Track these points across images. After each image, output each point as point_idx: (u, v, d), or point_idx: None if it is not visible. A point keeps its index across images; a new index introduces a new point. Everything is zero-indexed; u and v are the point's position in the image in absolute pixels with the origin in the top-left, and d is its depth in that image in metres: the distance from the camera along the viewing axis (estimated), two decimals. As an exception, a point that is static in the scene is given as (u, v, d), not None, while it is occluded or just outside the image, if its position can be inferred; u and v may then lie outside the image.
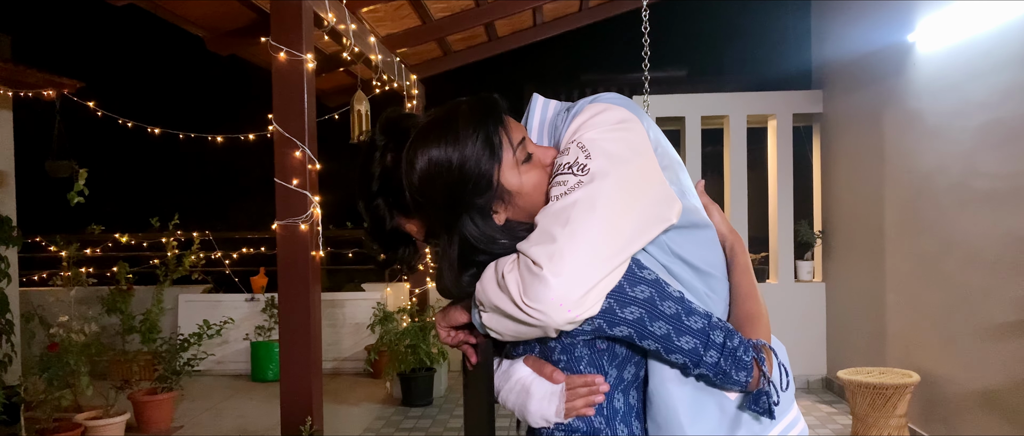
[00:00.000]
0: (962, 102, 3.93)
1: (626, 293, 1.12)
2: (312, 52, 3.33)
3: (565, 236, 1.06)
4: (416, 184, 1.12)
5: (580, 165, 1.12)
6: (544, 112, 1.30)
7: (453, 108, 1.17)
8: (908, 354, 4.54)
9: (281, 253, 3.26)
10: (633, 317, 1.12)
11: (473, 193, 1.12)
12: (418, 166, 1.12)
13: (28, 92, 5.59)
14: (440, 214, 1.15)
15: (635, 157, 1.15)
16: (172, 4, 3.71)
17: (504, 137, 1.15)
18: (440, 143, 1.12)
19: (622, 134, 1.17)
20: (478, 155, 1.11)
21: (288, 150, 3.22)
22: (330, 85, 6.00)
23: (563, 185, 1.11)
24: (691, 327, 1.13)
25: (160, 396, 5.19)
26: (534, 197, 1.17)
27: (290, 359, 3.28)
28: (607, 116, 1.18)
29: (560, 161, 1.15)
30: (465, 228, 1.14)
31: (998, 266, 3.64)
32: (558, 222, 1.08)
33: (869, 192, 5.04)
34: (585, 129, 1.17)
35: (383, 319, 5.90)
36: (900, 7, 4.51)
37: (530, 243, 1.09)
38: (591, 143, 1.14)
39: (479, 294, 1.15)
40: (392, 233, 1.23)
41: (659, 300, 1.13)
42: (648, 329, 1.13)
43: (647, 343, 1.14)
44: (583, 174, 1.11)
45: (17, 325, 5.23)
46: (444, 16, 5.17)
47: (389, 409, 5.66)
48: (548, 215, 1.10)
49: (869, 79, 5.03)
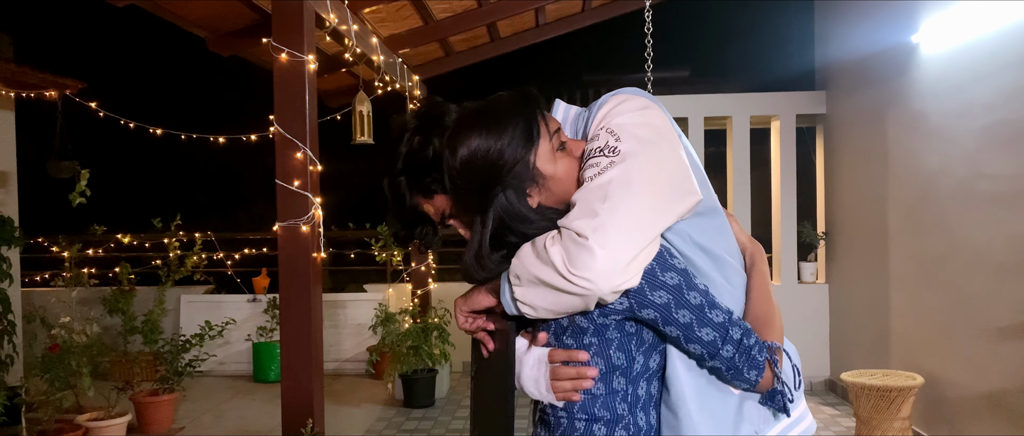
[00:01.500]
0: (966, 103, 3.92)
1: (657, 277, 1.18)
2: (313, 53, 3.31)
3: (606, 210, 1.12)
4: (457, 167, 1.20)
5: (611, 147, 1.19)
6: (565, 114, 1.41)
7: (496, 98, 1.27)
8: (912, 356, 4.52)
9: (282, 255, 3.25)
10: (661, 301, 1.18)
11: (510, 174, 1.20)
12: (461, 151, 1.19)
13: (30, 93, 5.59)
14: (478, 194, 1.21)
15: (660, 139, 1.22)
16: (173, 5, 3.70)
17: (542, 125, 1.24)
18: (483, 128, 1.20)
19: (647, 118, 1.24)
20: (518, 139, 1.20)
21: (289, 151, 3.21)
22: (332, 86, 5.99)
23: (596, 167, 1.18)
24: (713, 320, 1.19)
25: (161, 397, 5.19)
26: (566, 184, 1.25)
27: (291, 361, 3.27)
28: (631, 103, 1.26)
29: (591, 147, 1.22)
30: (501, 207, 1.21)
31: (1002, 268, 3.62)
32: (597, 198, 1.14)
33: (873, 193, 5.02)
34: (612, 116, 1.24)
35: (385, 320, 5.89)
36: (904, 8, 4.49)
37: (572, 218, 1.14)
38: (619, 128, 1.21)
39: (516, 268, 1.19)
40: (411, 211, 1.30)
41: (686, 289, 1.19)
42: (673, 315, 1.19)
43: (669, 329, 1.20)
44: (615, 155, 1.18)
45: (19, 326, 5.23)
46: (446, 17, 5.16)
47: (391, 410, 5.65)
48: (586, 193, 1.16)
49: (873, 80, 5.01)
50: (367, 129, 4.50)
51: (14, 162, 5.82)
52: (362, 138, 4.51)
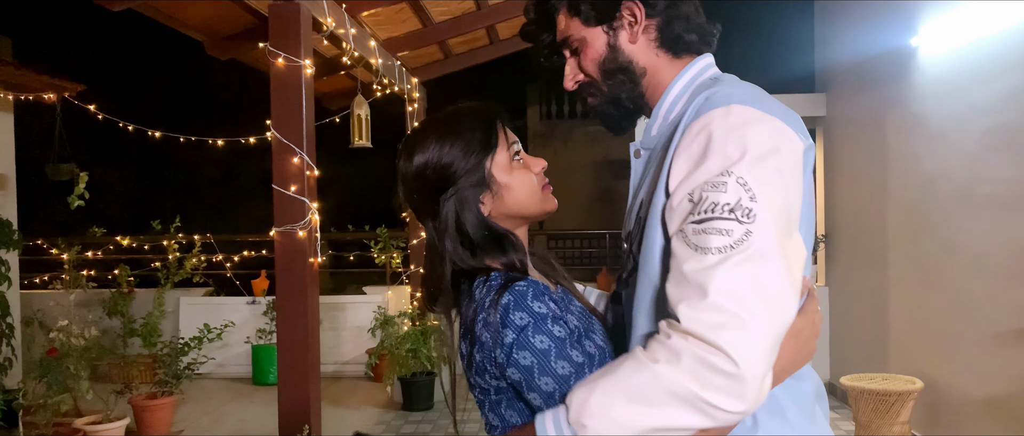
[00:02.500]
0: (966, 107, 3.90)
1: (528, 342, 1.11)
2: (310, 57, 3.31)
3: (751, 316, 0.91)
4: (412, 171, 1.23)
5: (744, 209, 0.97)
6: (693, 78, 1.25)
7: (458, 107, 1.30)
8: (911, 360, 4.51)
9: (279, 260, 3.25)
10: (526, 363, 1.10)
11: (465, 178, 1.21)
12: (416, 156, 1.22)
13: (29, 95, 5.59)
14: (431, 199, 1.22)
15: (789, 193, 1.04)
16: (170, 8, 3.70)
17: (501, 135, 1.25)
18: (442, 133, 1.23)
19: (779, 161, 1.04)
20: (476, 145, 1.21)
21: (286, 156, 3.21)
22: (331, 88, 5.99)
23: (727, 235, 0.96)
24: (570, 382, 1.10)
25: (160, 400, 5.18)
26: (519, 195, 1.24)
27: (288, 366, 3.27)
28: (762, 137, 1.04)
29: (716, 199, 0.98)
30: (453, 210, 1.21)
31: (1002, 272, 3.61)
32: (741, 295, 0.92)
33: (872, 196, 5.01)
34: (740, 157, 1.01)
35: (384, 323, 5.88)
36: (903, 11, 4.48)
37: (711, 325, 0.91)
38: (753, 176, 0.99)
39: (590, 410, 0.96)
40: (548, 16, 1.29)
41: (556, 354, 1.11)
42: (535, 382, 1.11)
43: (531, 396, 1.13)
44: (750, 221, 0.96)
45: (17, 328, 5.23)
46: (445, 19, 5.15)
47: (390, 413, 5.65)
48: (722, 279, 0.93)
49: (872, 83, 5.00)
50: (365, 133, 4.49)
51: (13, 165, 5.82)
52: (360, 142, 4.50)
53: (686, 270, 0.96)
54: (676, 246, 1.01)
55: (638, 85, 1.26)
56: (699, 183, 1.01)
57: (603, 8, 1.22)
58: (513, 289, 1.14)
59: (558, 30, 1.28)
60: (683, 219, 1.02)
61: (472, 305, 1.17)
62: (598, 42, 1.24)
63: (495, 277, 1.18)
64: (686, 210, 1.02)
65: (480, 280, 1.19)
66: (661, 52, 1.25)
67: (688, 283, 0.95)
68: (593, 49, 1.25)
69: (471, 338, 1.17)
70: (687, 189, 1.03)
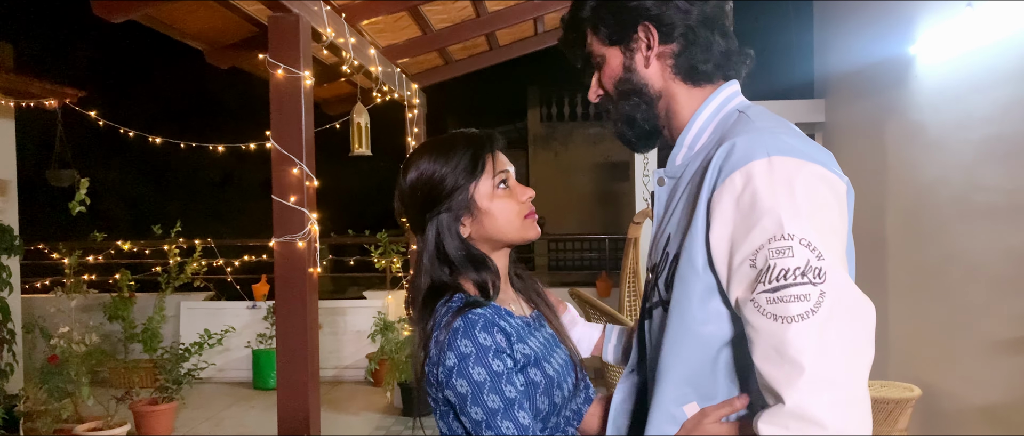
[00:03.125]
0: (963, 115, 3.91)
1: (465, 371, 1.20)
2: (310, 68, 3.32)
3: (844, 379, 0.99)
4: (406, 186, 1.34)
5: (815, 269, 1.00)
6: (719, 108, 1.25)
7: (453, 133, 1.38)
8: (910, 367, 4.51)
9: (279, 270, 3.26)
10: (462, 390, 1.20)
11: (450, 199, 1.30)
12: (411, 172, 1.33)
13: (30, 101, 5.60)
14: (420, 214, 1.33)
15: (843, 236, 1.08)
16: (170, 18, 3.70)
17: (489, 162, 1.33)
18: (434, 154, 1.33)
19: (831, 211, 1.07)
20: (462, 169, 1.30)
21: (286, 167, 3.21)
22: (330, 94, 5.99)
23: (805, 301, 0.98)
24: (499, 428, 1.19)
25: (161, 406, 5.20)
26: (499, 221, 1.32)
27: (288, 375, 3.28)
28: (822, 187, 1.07)
29: (785, 265, 1.00)
30: (436, 228, 1.30)
31: (999, 281, 3.62)
32: (832, 359, 0.98)
33: (871, 202, 5.02)
34: (805, 209, 1.03)
35: (384, 329, 5.90)
36: (902, 19, 4.49)
37: (809, 393, 0.97)
38: (814, 233, 1.01)
39: None
40: (578, 30, 1.32)
41: (482, 392, 1.19)
42: (467, 409, 1.20)
43: (463, 420, 1.23)
44: (822, 281, 0.99)
45: (19, 334, 5.24)
46: (445, 26, 5.16)
47: (389, 419, 5.66)
48: (813, 350, 0.98)
49: (871, 90, 5.01)
50: (365, 141, 4.50)
51: (14, 170, 5.84)
52: (360, 150, 4.51)
53: (774, 344, 1.00)
54: (751, 316, 1.03)
55: (653, 108, 1.27)
56: (758, 246, 1.03)
57: (619, 29, 1.25)
58: (466, 316, 1.22)
59: (586, 45, 1.32)
60: (749, 287, 1.04)
61: (431, 321, 1.26)
62: (615, 61, 1.28)
63: (457, 299, 1.26)
64: (751, 277, 1.04)
65: (444, 298, 1.28)
66: (677, 79, 1.25)
67: (780, 359, 0.99)
68: (610, 67, 1.29)
69: (425, 351, 1.26)
70: (746, 253, 1.04)
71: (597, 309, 4.67)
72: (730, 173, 1.07)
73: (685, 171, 1.22)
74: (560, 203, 13.04)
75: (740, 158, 1.08)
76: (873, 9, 4.92)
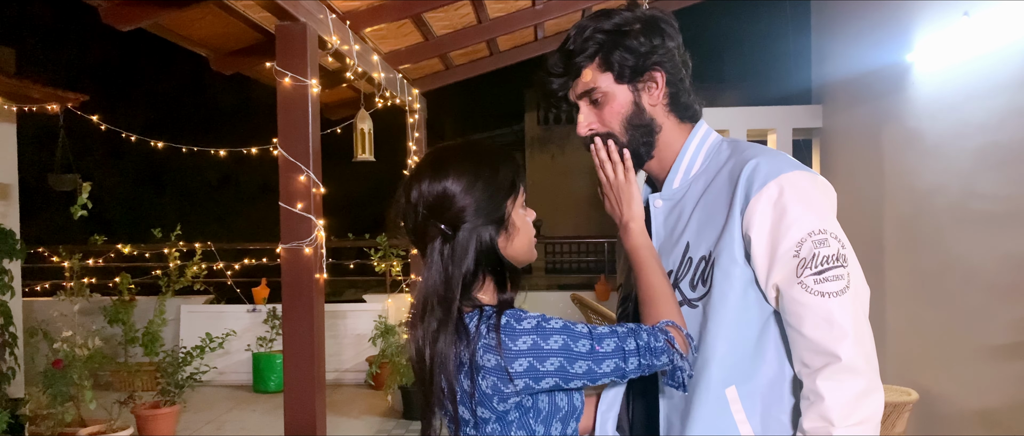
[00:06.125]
0: (961, 123, 3.96)
1: (542, 348, 1.20)
2: (317, 77, 3.35)
3: (867, 337, 1.32)
4: (434, 192, 1.25)
5: (842, 256, 1.31)
6: (705, 138, 1.49)
7: (487, 145, 1.37)
8: (907, 371, 4.56)
9: (285, 276, 3.29)
10: (554, 367, 1.21)
11: (497, 209, 1.27)
12: (449, 181, 1.25)
13: (32, 106, 5.62)
14: (447, 223, 1.25)
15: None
16: (176, 26, 3.74)
17: (520, 183, 1.34)
18: (479, 165, 1.28)
19: (835, 208, 1.41)
20: (507, 183, 1.29)
21: (293, 174, 3.25)
22: (333, 98, 6.02)
23: (841, 280, 1.29)
24: (607, 352, 1.22)
25: (163, 410, 5.22)
26: (523, 242, 1.34)
27: (294, 379, 3.31)
28: (828, 193, 1.40)
29: (826, 252, 1.29)
30: (474, 239, 1.25)
31: (996, 287, 3.67)
32: (859, 323, 1.30)
33: (868, 208, 5.07)
34: (825, 210, 1.35)
35: (385, 332, 5.93)
36: (899, 27, 4.54)
37: (853, 349, 1.28)
38: (836, 227, 1.33)
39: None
40: (572, 62, 1.45)
41: (572, 343, 1.21)
42: (570, 372, 1.21)
43: (574, 383, 1.24)
44: (846, 265, 1.31)
45: (20, 338, 5.25)
46: (446, 33, 5.20)
47: (390, 422, 5.69)
48: (845, 322, 1.28)
49: (868, 96, 5.06)
50: (368, 147, 4.53)
51: (16, 174, 5.85)
52: (363, 155, 4.55)
53: (823, 315, 1.28)
54: (799, 295, 1.29)
55: (653, 137, 1.45)
56: (800, 239, 1.30)
57: (637, 70, 1.41)
58: (507, 312, 1.24)
59: (581, 82, 1.43)
60: (794, 272, 1.29)
61: (466, 339, 1.22)
62: (624, 98, 1.43)
63: (488, 309, 1.26)
64: (794, 264, 1.29)
65: (473, 313, 1.25)
66: (671, 115, 1.47)
67: (830, 326, 1.28)
68: (618, 103, 1.43)
69: (472, 371, 1.22)
70: (789, 245, 1.30)
71: (598, 313, 4.71)
72: (764, 184, 1.32)
73: (687, 192, 1.44)
74: (557, 206, 13.07)
75: (770, 172, 1.33)
76: (871, 16, 4.98)
